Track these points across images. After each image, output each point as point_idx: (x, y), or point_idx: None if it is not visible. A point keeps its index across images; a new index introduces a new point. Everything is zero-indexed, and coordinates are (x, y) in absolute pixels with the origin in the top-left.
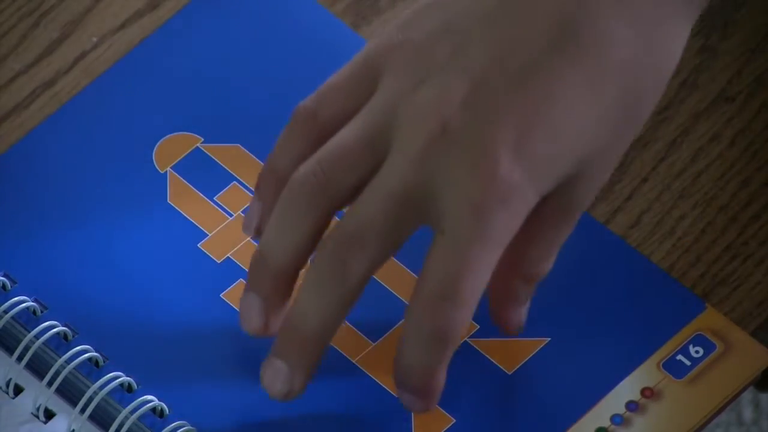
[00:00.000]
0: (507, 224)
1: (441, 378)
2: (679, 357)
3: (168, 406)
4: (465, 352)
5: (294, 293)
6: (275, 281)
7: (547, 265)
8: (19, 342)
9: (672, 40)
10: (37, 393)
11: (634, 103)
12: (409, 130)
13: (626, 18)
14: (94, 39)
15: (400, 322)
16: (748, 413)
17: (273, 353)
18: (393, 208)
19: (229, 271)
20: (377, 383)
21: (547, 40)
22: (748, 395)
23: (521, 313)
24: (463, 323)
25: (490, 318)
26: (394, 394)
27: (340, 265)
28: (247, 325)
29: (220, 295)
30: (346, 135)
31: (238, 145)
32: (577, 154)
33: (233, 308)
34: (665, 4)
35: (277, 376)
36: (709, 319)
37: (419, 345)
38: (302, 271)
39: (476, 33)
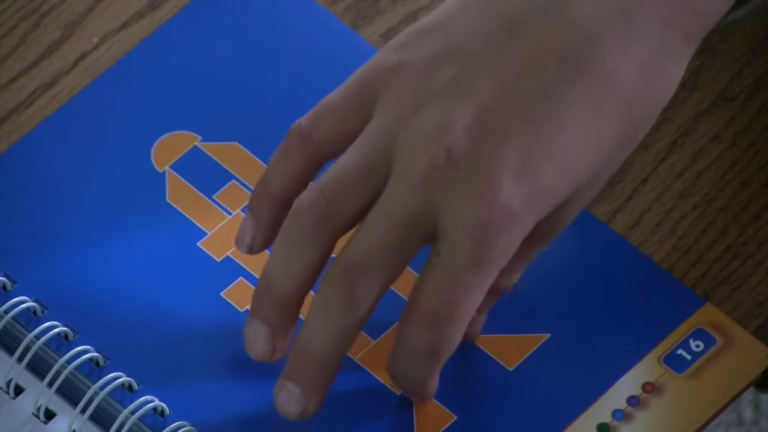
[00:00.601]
0: (504, 250)
1: (434, 383)
2: (680, 351)
3: (169, 406)
4: (466, 348)
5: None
6: (281, 309)
7: (516, 279)
8: (19, 342)
9: (670, 74)
10: (38, 393)
11: (630, 133)
12: (410, 155)
13: (630, 52)
14: (95, 39)
15: None
16: (748, 413)
17: (285, 376)
18: (396, 234)
19: (229, 269)
20: (379, 381)
21: (554, 69)
22: (748, 395)
23: (481, 322)
24: (456, 340)
25: None
26: (396, 392)
27: (348, 292)
28: (253, 353)
29: (221, 294)
30: (347, 161)
31: (236, 143)
32: (576, 182)
33: (234, 307)
34: (667, 42)
35: (290, 398)
36: (709, 313)
37: (412, 359)
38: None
39: (481, 58)
